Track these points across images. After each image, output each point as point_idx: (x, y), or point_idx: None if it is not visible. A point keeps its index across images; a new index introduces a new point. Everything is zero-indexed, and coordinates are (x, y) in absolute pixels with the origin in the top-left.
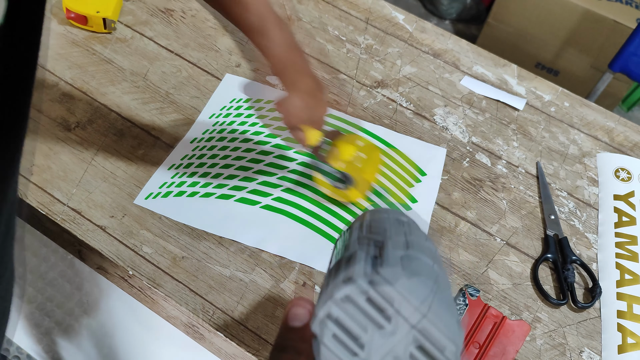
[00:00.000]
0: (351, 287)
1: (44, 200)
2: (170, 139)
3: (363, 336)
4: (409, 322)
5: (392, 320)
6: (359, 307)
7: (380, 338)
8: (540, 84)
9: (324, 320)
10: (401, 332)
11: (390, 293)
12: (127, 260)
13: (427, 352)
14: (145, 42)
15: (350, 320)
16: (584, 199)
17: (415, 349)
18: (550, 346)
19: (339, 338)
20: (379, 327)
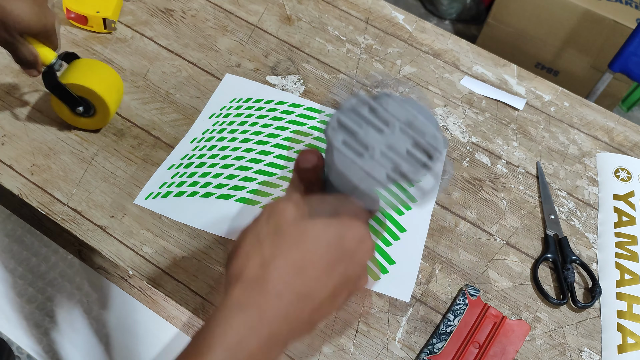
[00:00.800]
0: (355, 99)
1: (44, 200)
2: (170, 139)
3: (366, 139)
4: (403, 122)
5: (390, 123)
6: (362, 116)
7: (380, 139)
8: (540, 84)
9: (335, 128)
10: (397, 132)
11: (387, 102)
12: (127, 260)
13: (420, 147)
14: (145, 42)
15: (355, 126)
16: (583, 198)
17: (410, 145)
18: (550, 346)
19: (348, 142)
20: (379, 131)
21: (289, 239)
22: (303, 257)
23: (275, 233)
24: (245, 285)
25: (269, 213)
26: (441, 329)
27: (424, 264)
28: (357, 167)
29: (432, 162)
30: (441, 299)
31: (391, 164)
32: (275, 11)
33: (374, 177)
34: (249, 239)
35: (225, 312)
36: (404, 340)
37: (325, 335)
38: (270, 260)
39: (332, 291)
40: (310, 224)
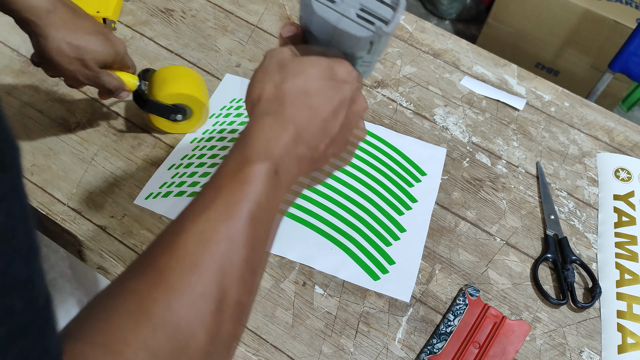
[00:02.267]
0: None
1: (44, 200)
2: (170, 139)
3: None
4: None
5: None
6: None
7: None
8: (540, 84)
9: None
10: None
11: None
12: (128, 260)
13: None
14: (145, 42)
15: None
16: (583, 198)
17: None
18: (550, 346)
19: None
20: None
21: (292, 68)
22: (305, 81)
23: (279, 65)
24: (265, 101)
25: (270, 55)
26: (441, 329)
27: (424, 264)
28: (332, 11)
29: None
30: (441, 299)
31: (358, 5)
32: (275, 11)
33: (347, 16)
34: (259, 74)
35: (255, 120)
36: (404, 340)
37: (325, 335)
38: (280, 83)
39: (333, 107)
40: (306, 57)
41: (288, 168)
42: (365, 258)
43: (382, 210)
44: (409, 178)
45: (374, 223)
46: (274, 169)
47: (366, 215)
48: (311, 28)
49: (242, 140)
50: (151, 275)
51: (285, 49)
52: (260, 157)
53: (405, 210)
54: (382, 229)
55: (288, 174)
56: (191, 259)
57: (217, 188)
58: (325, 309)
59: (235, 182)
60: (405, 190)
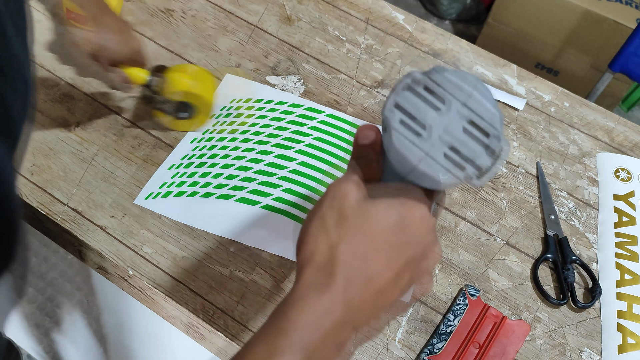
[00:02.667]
0: (410, 77)
1: (44, 200)
2: (171, 139)
3: (424, 118)
4: (460, 100)
5: (446, 101)
6: (418, 94)
7: (437, 118)
8: (540, 84)
9: (392, 108)
10: (454, 110)
11: (442, 80)
12: (127, 260)
13: (477, 125)
14: (145, 42)
15: (412, 106)
16: (583, 199)
17: (467, 123)
18: (550, 346)
19: (405, 122)
20: (436, 109)
21: (353, 222)
22: (366, 241)
23: (339, 216)
24: (316, 268)
25: (332, 196)
26: (441, 329)
27: None
28: (415, 147)
29: (488, 140)
30: (441, 299)
31: (448, 142)
32: (275, 11)
33: (432, 157)
34: (315, 223)
35: (299, 293)
36: (404, 340)
37: None
38: (336, 244)
39: (395, 273)
40: (372, 206)
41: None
42: None
43: None
44: None
45: None
46: None
47: None
48: (388, 154)
49: (277, 317)
50: None
51: (350, 188)
52: (292, 349)
53: None
54: None
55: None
56: None
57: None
58: None
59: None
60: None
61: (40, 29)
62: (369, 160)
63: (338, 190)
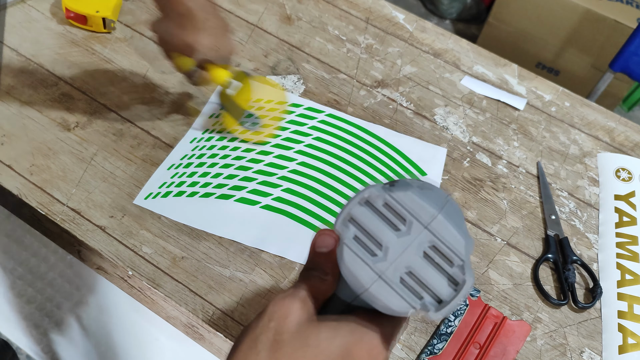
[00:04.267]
0: (369, 190)
1: (43, 200)
2: (170, 139)
3: (381, 237)
4: (422, 222)
5: (407, 222)
6: (377, 211)
7: (396, 239)
8: (540, 84)
9: (346, 222)
10: (415, 233)
11: (404, 198)
12: (127, 260)
13: (439, 251)
14: (145, 41)
15: (369, 222)
16: (584, 199)
17: (429, 248)
18: (551, 346)
19: (359, 239)
20: (395, 229)
21: (288, 351)
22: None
23: (274, 341)
24: None
25: (270, 314)
26: (441, 329)
27: None
28: (368, 268)
29: (452, 270)
30: None
31: (406, 267)
32: (275, 11)
33: (386, 280)
34: (247, 343)
35: None
36: (404, 340)
37: None
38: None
39: None
40: (315, 332)
41: None
42: None
43: None
44: None
45: None
46: None
47: None
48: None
49: None
50: None
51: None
52: None
53: None
54: None
55: None
56: None
57: None
58: None
59: None
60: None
61: (39, 28)
62: (324, 272)
63: (279, 308)
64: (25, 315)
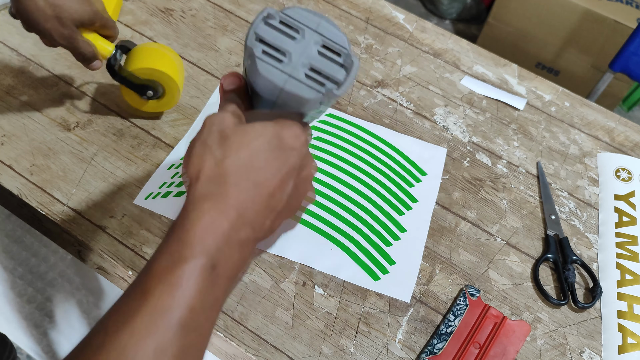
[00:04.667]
0: (267, 12)
1: (43, 200)
2: (170, 139)
3: (283, 46)
4: (312, 28)
5: (300, 31)
6: (275, 27)
7: (295, 45)
8: (540, 84)
9: (254, 41)
10: (308, 37)
11: (294, 13)
12: (127, 260)
13: (329, 48)
14: (145, 42)
15: (271, 37)
16: (584, 199)
17: (321, 47)
18: (551, 346)
19: (267, 52)
20: (292, 38)
21: (234, 140)
22: (250, 153)
23: (220, 137)
24: (204, 182)
25: (210, 123)
26: (441, 329)
27: (425, 264)
28: (278, 72)
29: (341, 59)
30: (441, 299)
31: (308, 64)
32: None
33: (295, 77)
34: (198, 147)
35: (193, 206)
36: (404, 340)
37: (325, 335)
38: (222, 159)
39: (280, 180)
40: (249, 126)
41: (228, 258)
42: (365, 258)
43: (382, 210)
44: (409, 178)
45: (374, 223)
46: (210, 264)
47: (366, 215)
48: (255, 86)
49: (175, 230)
50: None
51: (227, 116)
52: (194, 254)
53: (406, 210)
54: (382, 229)
55: (228, 264)
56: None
57: (144, 292)
58: (325, 309)
59: (164, 284)
60: (405, 190)
61: None
62: (238, 101)
63: (215, 118)
64: (25, 315)
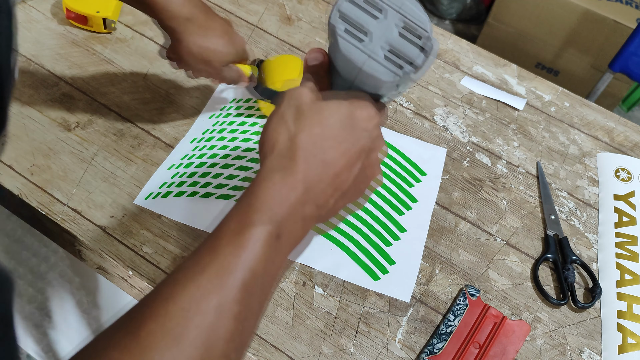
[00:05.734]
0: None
1: (43, 200)
2: (170, 139)
3: (365, 25)
4: (395, 8)
5: (383, 10)
6: (358, 5)
7: (376, 24)
8: (540, 84)
9: (336, 19)
10: (391, 17)
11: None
12: (127, 260)
13: (410, 30)
14: (145, 42)
15: (354, 15)
16: (584, 199)
17: (402, 28)
18: (551, 346)
19: (349, 30)
20: (374, 17)
21: (309, 116)
22: (322, 132)
23: (297, 113)
24: (278, 155)
25: (289, 97)
26: (441, 329)
27: (424, 264)
28: (359, 51)
29: (421, 42)
30: (441, 299)
31: (388, 46)
32: (275, 11)
33: (374, 58)
34: (275, 120)
35: (264, 176)
36: (404, 340)
37: (325, 335)
38: (295, 134)
39: (348, 160)
40: (325, 104)
41: (291, 230)
42: (365, 258)
43: (382, 210)
44: (409, 178)
45: (374, 223)
46: (276, 233)
47: (366, 215)
48: (335, 63)
49: (246, 197)
50: (132, 345)
51: (305, 91)
52: (262, 220)
53: (406, 210)
54: (382, 229)
55: (291, 236)
56: (176, 330)
57: (214, 250)
58: (325, 309)
59: (232, 246)
60: (405, 190)
61: (40, 28)
62: (319, 76)
63: (294, 92)
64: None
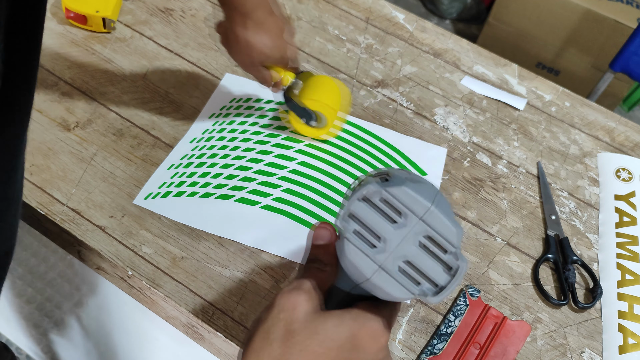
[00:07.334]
0: (367, 188)
1: (43, 200)
2: (170, 139)
3: (379, 230)
4: (417, 214)
5: (402, 214)
6: (375, 206)
7: (393, 231)
8: (540, 84)
9: (346, 218)
10: (411, 224)
11: (400, 193)
12: (127, 260)
13: (434, 240)
14: (144, 41)
15: (368, 217)
16: (584, 199)
17: (424, 238)
18: (551, 347)
19: (359, 233)
20: (392, 222)
21: (300, 339)
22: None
23: (285, 331)
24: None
25: (279, 308)
26: (442, 329)
27: None
28: (368, 259)
29: (446, 257)
30: None
31: (404, 256)
32: None
33: (386, 270)
34: (259, 336)
35: None
36: (404, 341)
37: None
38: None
39: None
40: (322, 321)
41: None
42: None
43: None
44: None
45: None
46: None
47: None
48: (340, 262)
49: None
50: None
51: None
52: None
53: None
54: None
55: None
56: None
57: None
58: None
59: None
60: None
61: None
62: (324, 264)
63: (286, 301)
64: (25, 315)
